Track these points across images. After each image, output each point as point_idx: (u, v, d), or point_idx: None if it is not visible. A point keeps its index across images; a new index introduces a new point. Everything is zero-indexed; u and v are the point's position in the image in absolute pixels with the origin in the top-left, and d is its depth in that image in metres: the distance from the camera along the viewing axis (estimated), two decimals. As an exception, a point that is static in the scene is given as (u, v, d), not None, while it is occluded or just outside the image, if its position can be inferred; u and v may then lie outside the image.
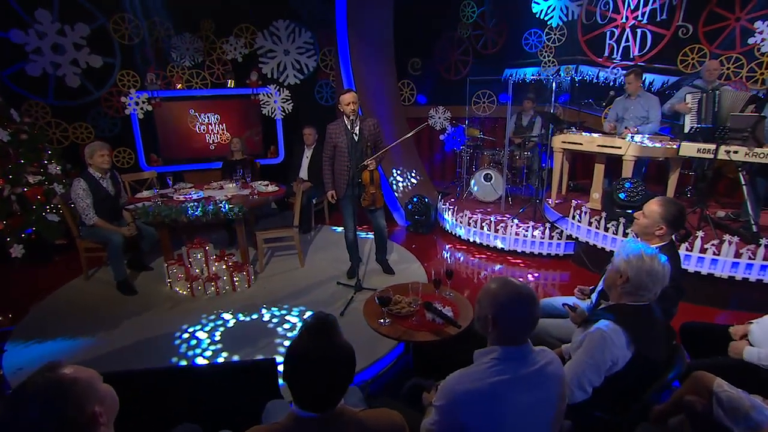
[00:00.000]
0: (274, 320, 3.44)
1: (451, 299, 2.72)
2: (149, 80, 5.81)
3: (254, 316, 3.50)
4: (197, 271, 3.95)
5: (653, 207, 2.23)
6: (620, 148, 3.98)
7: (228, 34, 6.33)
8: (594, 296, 2.55)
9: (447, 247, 5.08)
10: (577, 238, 4.31)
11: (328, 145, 3.77)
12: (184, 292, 3.87)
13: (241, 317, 3.51)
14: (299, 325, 3.07)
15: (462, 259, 4.76)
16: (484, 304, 1.51)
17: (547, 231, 4.58)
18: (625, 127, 4.15)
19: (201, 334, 3.28)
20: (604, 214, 3.99)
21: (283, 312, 3.54)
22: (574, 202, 4.42)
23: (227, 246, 4.89)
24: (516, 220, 4.77)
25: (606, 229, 3.95)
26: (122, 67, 5.98)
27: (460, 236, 5.19)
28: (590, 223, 4.11)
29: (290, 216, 4.46)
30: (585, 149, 4.36)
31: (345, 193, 3.79)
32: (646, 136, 4.14)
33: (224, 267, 3.95)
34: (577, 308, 2.56)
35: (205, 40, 6.28)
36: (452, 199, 5.99)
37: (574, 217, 4.32)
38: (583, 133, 4.44)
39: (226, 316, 3.52)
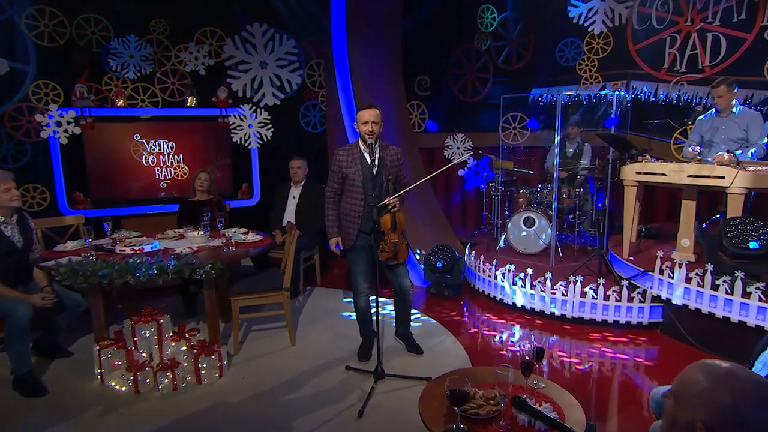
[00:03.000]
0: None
1: (543, 392, 2.33)
2: (78, 94, 5.53)
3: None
4: (144, 355, 3.50)
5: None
6: (723, 178, 3.78)
7: (187, 39, 6.22)
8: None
9: (484, 314, 4.82)
10: (668, 299, 4.03)
11: (334, 175, 3.62)
12: (124, 388, 3.40)
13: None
14: None
15: (513, 331, 4.45)
16: (689, 403, 1.22)
17: (625, 291, 4.27)
18: (731, 153, 3.97)
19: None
20: (709, 267, 3.71)
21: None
22: (660, 253, 4.15)
23: (183, 318, 4.51)
24: (579, 278, 4.47)
25: (714, 287, 3.67)
26: (39, 76, 5.68)
27: (502, 300, 4.94)
28: (689, 280, 3.83)
29: (274, 275, 4.17)
30: (669, 182, 4.17)
31: (355, 243, 3.62)
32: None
33: (185, 348, 3.52)
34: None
35: (157, 46, 6.13)
36: (484, 252, 5.71)
37: (662, 272, 4.05)
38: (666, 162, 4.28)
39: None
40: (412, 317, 4.04)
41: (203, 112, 6.02)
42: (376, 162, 3.49)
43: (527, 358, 2.37)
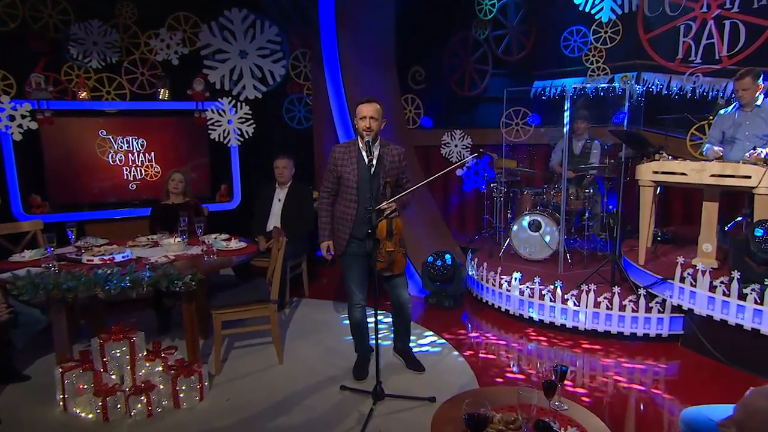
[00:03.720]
0: None
1: (567, 414, 2.28)
2: (33, 85, 5.44)
3: None
4: (114, 378, 3.40)
5: None
6: (750, 177, 3.80)
7: (158, 25, 6.14)
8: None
9: (489, 326, 4.82)
10: (690, 310, 4.03)
11: (330, 174, 3.64)
12: (91, 416, 3.29)
13: None
14: None
15: (522, 345, 4.44)
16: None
17: (642, 301, 4.27)
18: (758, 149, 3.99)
19: None
20: (736, 275, 3.71)
21: None
22: (681, 259, 4.15)
23: (156, 335, 4.44)
24: (593, 287, 4.48)
25: (742, 296, 3.68)
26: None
27: (507, 311, 4.95)
28: (713, 288, 3.84)
29: (259, 286, 4.13)
30: (690, 182, 4.18)
31: (347, 249, 3.64)
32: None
33: (161, 369, 3.43)
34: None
35: (123, 32, 6.04)
36: (486, 258, 5.72)
37: (683, 280, 4.05)
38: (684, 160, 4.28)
39: None
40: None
41: (177, 106, 6.00)
42: (374, 162, 3.46)
43: (550, 369, 2.29)
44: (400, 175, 3.65)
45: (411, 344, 4.01)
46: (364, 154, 3.47)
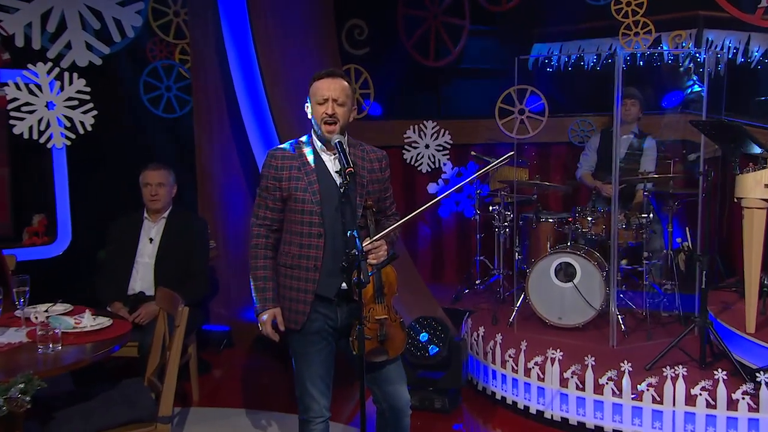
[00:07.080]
0: None
1: None
2: None
3: None
4: None
5: None
6: None
7: None
8: None
9: None
10: None
11: (267, 195, 3.55)
12: None
13: None
14: None
15: None
16: None
17: (764, 391, 4.23)
18: None
19: None
20: None
21: None
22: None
23: None
24: (681, 370, 4.46)
25: None
26: None
27: (541, 413, 4.94)
28: None
29: (132, 393, 3.88)
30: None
31: (306, 323, 3.50)
32: None
33: None
34: None
35: None
36: (488, 326, 5.67)
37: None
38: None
39: None
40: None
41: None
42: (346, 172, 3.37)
43: None
44: (382, 194, 3.63)
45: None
46: (326, 159, 3.44)
